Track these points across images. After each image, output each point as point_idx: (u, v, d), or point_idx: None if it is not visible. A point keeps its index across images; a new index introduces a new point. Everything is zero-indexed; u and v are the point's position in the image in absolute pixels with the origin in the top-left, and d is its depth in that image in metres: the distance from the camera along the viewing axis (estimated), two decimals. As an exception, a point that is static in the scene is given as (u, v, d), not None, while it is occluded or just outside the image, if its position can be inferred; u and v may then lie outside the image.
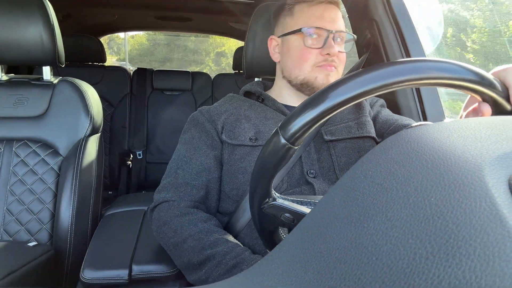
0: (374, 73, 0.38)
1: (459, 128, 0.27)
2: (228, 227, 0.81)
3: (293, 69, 0.85)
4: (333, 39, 0.81)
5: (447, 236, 0.19)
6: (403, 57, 1.18)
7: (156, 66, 6.70)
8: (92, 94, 1.20)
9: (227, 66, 9.41)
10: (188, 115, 0.94)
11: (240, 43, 2.95)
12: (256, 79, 1.07)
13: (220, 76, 2.41)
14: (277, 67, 0.94)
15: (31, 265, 0.92)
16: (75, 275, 1.09)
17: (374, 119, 0.91)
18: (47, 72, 1.19)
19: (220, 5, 2.18)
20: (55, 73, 1.24)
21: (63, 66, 1.18)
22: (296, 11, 0.84)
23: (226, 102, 0.92)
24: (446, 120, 1.13)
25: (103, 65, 2.25)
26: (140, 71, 2.32)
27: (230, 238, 0.74)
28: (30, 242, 1.04)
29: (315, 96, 0.41)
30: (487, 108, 0.44)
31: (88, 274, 0.81)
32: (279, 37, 0.88)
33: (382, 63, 0.39)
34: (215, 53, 11.15)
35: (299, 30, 0.82)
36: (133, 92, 2.27)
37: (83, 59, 2.18)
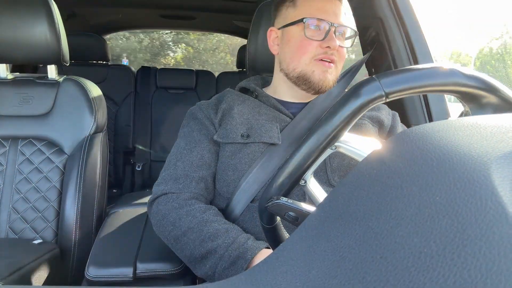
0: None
1: (464, 126, 0.27)
2: None
3: (291, 61, 0.84)
4: (334, 33, 0.80)
5: (452, 235, 0.19)
6: (408, 56, 1.17)
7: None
8: (96, 93, 1.20)
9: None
10: None
11: (244, 41, 2.94)
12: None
13: (224, 74, 2.41)
14: (275, 61, 0.93)
15: (36, 263, 0.92)
16: (80, 273, 1.10)
17: (390, 130, 0.90)
18: (52, 70, 1.20)
19: (224, 3, 2.17)
20: (59, 71, 1.24)
21: (68, 64, 1.19)
22: (299, 3, 0.84)
23: (222, 97, 0.92)
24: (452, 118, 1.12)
25: (107, 63, 2.26)
26: (144, 70, 2.32)
27: (231, 226, 0.72)
28: (36, 240, 1.05)
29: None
30: None
31: (93, 272, 0.81)
32: (279, 28, 0.87)
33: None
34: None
35: (300, 20, 0.81)
36: (137, 90, 2.28)
37: (88, 58, 2.19)
